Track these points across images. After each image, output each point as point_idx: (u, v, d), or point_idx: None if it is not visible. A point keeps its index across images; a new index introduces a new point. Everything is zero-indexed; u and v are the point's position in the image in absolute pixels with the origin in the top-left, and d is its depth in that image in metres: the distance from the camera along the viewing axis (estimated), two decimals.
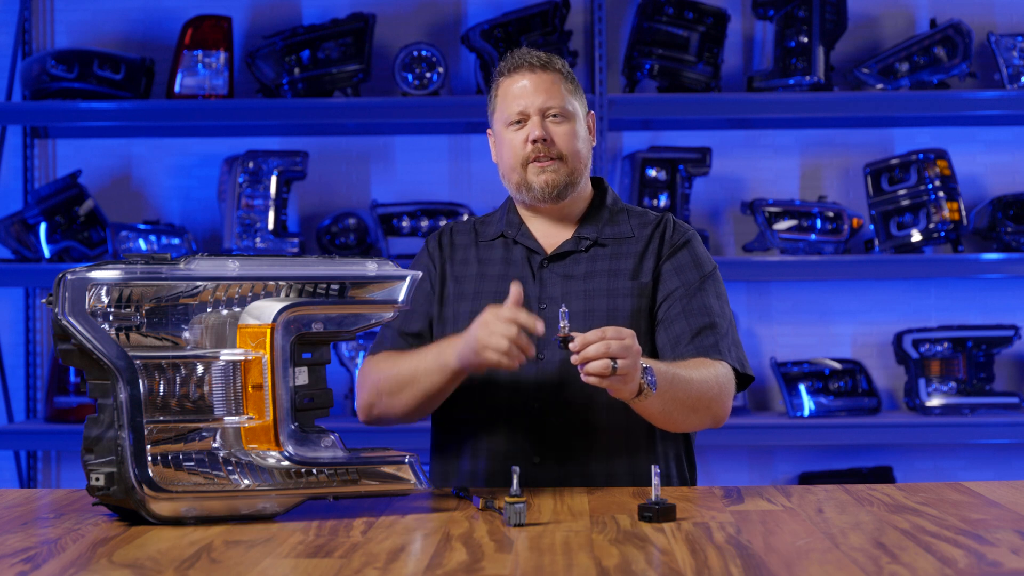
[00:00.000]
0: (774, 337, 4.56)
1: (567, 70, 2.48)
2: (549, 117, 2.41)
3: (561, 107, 2.42)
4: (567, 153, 2.41)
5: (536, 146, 2.39)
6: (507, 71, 2.46)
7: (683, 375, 2.25)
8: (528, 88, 2.42)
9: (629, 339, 2.08)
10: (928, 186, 4.33)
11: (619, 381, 2.09)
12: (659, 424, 2.32)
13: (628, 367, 2.08)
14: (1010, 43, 4.40)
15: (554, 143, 2.40)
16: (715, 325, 2.39)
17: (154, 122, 4.46)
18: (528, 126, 2.41)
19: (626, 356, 2.07)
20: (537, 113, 2.41)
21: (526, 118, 2.41)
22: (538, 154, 2.39)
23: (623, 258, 2.45)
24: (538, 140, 2.39)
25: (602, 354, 2.06)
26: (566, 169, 2.41)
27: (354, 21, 4.44)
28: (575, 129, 2.43)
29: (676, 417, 2.28)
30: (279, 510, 1.99)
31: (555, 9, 4.38)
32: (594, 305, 2.39)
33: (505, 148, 2.44)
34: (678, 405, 2.25)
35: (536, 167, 2.41)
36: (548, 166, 2.40)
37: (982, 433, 4.29)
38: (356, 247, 4.45)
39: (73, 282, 1.93)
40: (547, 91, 2.42)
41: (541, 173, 2.41)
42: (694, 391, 2.26)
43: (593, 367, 2.06)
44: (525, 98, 2.41)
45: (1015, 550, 1.74)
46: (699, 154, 4.41)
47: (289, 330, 2.01)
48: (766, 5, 4.46)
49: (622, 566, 1.66)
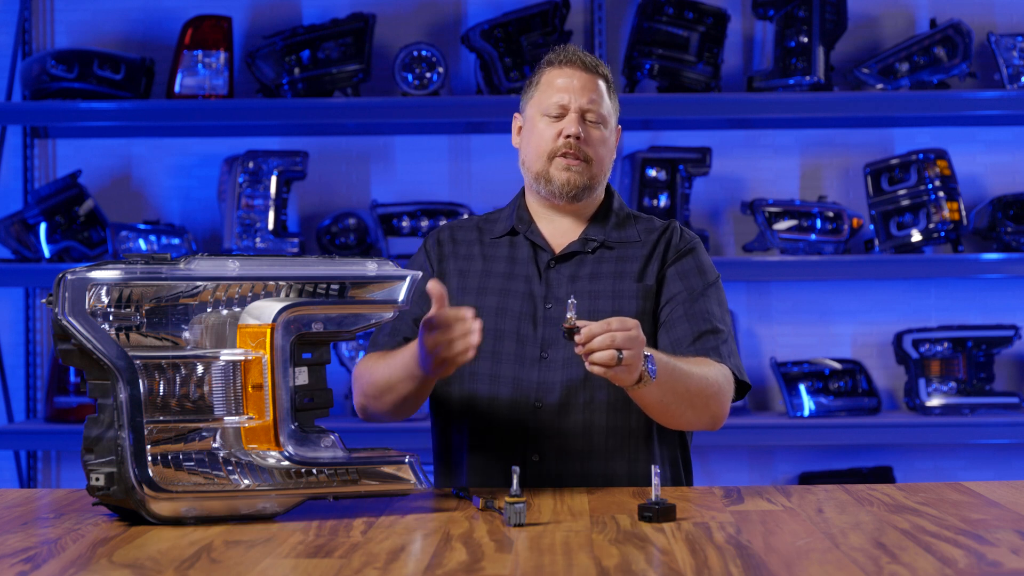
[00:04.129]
0: (774, 337, 4.56)
1: (611, 79, 2.50)
2: (587, 119, 2.42)
3: (600, 112, 2.43)
4: (595, 157, 2.43)
5: (569, 141, 2.40)
6: (557, 62, 2.46)
7: (683, 368, 2.26)
8: (575, 85, 2.43)
9: (635, 329, 2.09)
10: (928, 186, 4.33)
11: (623, 371, 2.10)
12: (657, 417, 2.32)
13: (633, 357, 2.09)
14: (1010, 43, 4.40)
15: (587, 143, 2.41)
16: (716, 331, 2.40)
17: (154, 122, 4.46)
18: (565, 121, 2.42)
19: (631, 347, 2.08)
20: (577, 111, 2.42)
21: (565, 112, 2.42)
22: (568, 150, 2.40)
23: (629, 261, 2.45)
24: (572, 136, 2.40)
25: (607, 345, 2.06)
26: (590, 172, 2.43)
27: (354, 21, 4.44)
28: (606, 137, 2.45)
29: (674, 410, 2.28)
30: (279, 510, 1.99)
31: (555, 9, 4.39)
32: (599, 306, 2.39)
33: (535, 136, 2.44)
34: (677, 397, 2.25)
35: (562, 162, 2.41)
36: (574, 165, 2.41)
37: (982, 433, 4.29)
38: (356, 247, 4.45)
39: (73, 282, 1.93)
40: (592, 93, 2.43)
41: (566, 170, 2.42)
42: (693, 385, 2.27)
43: (598, 357, 2.07)
44: (570, 93, 2.42)
45: (1015, 550, 1.74)
46: (699, 154, 4.41)
47: (289, 330, 2.01)
48: (766, 5, 4.46)
49: (622, 566, 1.67)
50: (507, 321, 2.41)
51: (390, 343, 2.46)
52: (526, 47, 4.34)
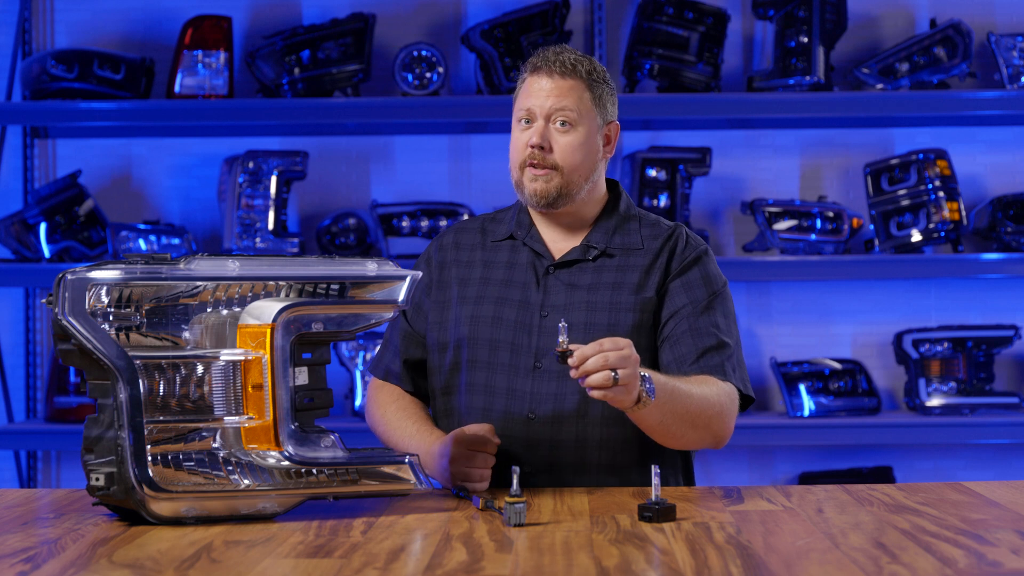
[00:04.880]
0: (774, 337, 4.56)
1: (595, 76, 2.40)
2: (556, 123, 2.36)
3: (570, 115, 2.36)
4: (563, 165, 2.36)
5: (532, 152, 2.36)
6: (530, 68, 2.41)
7: (683, 388, 2.23)
8: (544, 88, 2.37)
9: (627, 348, 2.08)
10: (928, 186, 4.33)
11: (621, 392, 2.08)
12: (658, 439, 2.29)
13: (629, 376, 2.07)
14: (1010, 43, 4.40)
15: (552, 151, 2.36)
16: (721, 346, 2.36)
17: (154, 122, 4.45)
18: (531, 129, 2.37)
19: (625, 366, 2.06)
20: (544, 117, 2.36)
21: (533, 119, 2.38)
22: (533, 160, 2.36)
23: (629, 271, 2.41)
24: (535, 146, 2.35)
25: (601, 366, 2.05)
26: (560, 180, 2.36)
27: (354, 21, 4.44)
28: (580, 140, 2.37)
29: (675, 431, 2.26)
30: (279, 510, 1.99)
31: (555, 9, 4.38)
32: (595, 319, 2.37)
33: (512, 145, 2.42)
34: (677, 419, 2.23)
35: (530, 173, 2.37)
36: (540, 175, 2.36)
37: (982, 433, 4.29)
38: (356, 247, 4.45)
39: (73, 282, 1.93)
40: (560, 96, 2.36)
41: (533, 180, 2.37)
42: (694, 406, 2.24)
43: (594, 380, 2.05)
44: (537, 99, 2.37)
45: (1015, 550, 1.74)
46: (699, 154, 4.41)
47: (289, 330, 2.01)
48: (766, 5, 4.46)
49: (622, 566, 1.66)
50: (502, 331, 2.39)
51: (395, 366, 2.52)
52: (526, 47, 4.34)
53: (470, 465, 2.24)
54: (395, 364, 2.52)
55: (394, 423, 2.45)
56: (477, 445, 2.25)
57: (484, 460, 2.24)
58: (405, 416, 2.45)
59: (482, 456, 2.24)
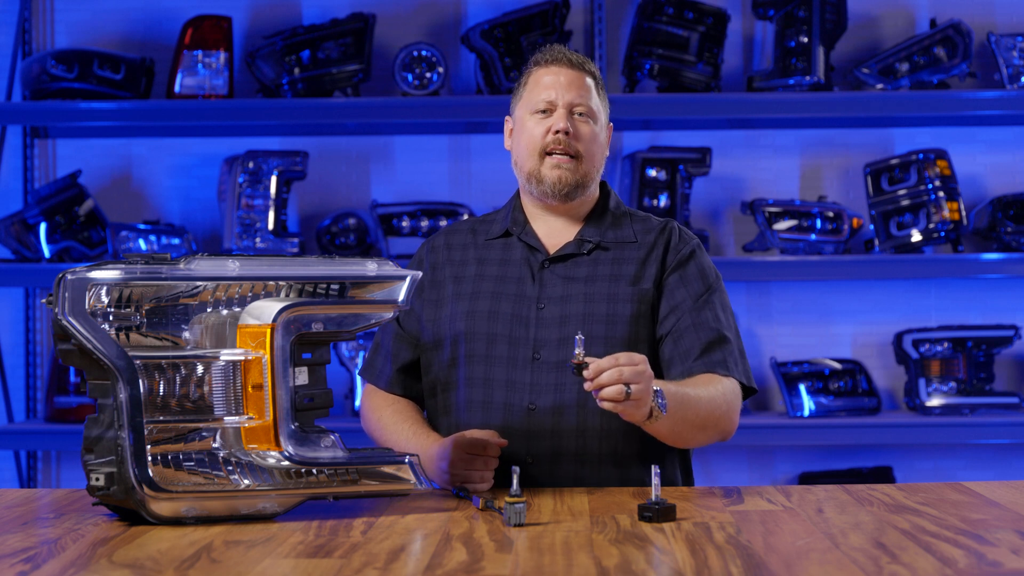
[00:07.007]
0: (774, 337, 4.56)
1: (599, 77, 2.50)
2: (576, 114, 2.42)
3: (589, 107, 2.43)
4: (585, 153, 2.42)
5: (558, 137, 2.40)
6: (543, 62, 2.47)
7: (692, 395, 2.26)
8: (562, 81, 2.43)
9: (642, 364, 2.10)
10: (928, 186, 4.33)
11: (632, 406, 2.10)
12: (667, 442, 2.33)
13: (642, 392, 2.09)
14: (1010, 43, 4.40)
15: (577, 138, 2.41)
16: (724, 340, 2.40)
17: (154, 122, 4.46)
18: (554, 117, 2.41)
19: (639, 381, 2.09)
20: (565, 107, 2.42)
21: (553, 109, 2.42)
22: (558, 146, 2.40)
23: (625, 263, 2.44)
24: (561, 131, 2.39)
25: (615, 380, 2.07)
26: (581, 169, 2.42)
27: (354, 21, 4.44)
28: (596, 133, 2.44)
29: (685, 435, 2.30)
30: (279, 510, 1.99)
31: (555, 9, 4.38)
32: (593, 309, 2.39)
33: (525, 135, 2.44)
34: (687, 425, 2.27)
35: (552, 161, 2.41)
36: (564, 163, 2.41)
37: (982, 433, 4.29)
38: (356, 247, 4.45)
39: (73, 282, 1.93)
40: (579, 89, 2.43)
41: (556, 168, 2.41)
42: (703, 410, 2.28)
43: (607, 393, 2.07)
44: (556, 90, 2.42)
45: (1015, 550, 1.74)
46: (699, 154, 4.41)
47: (289, 330, 2.01)
48: (766, 5, 4.46)
49: (622, 566, 1.67)
50: (499, 324, 2.41)
51: (387, 370, 2.53)
52: (526, 47, 4.34)
53: (469, 468, 2.24)
54: (386, 369, 2.54)
55: (390, 426, 2.46)
56: (476, 449, 2.26)
57: (484, 463, 2.25)
58: (401, 419, 2.46)
59: (482, 459, 2.25)
